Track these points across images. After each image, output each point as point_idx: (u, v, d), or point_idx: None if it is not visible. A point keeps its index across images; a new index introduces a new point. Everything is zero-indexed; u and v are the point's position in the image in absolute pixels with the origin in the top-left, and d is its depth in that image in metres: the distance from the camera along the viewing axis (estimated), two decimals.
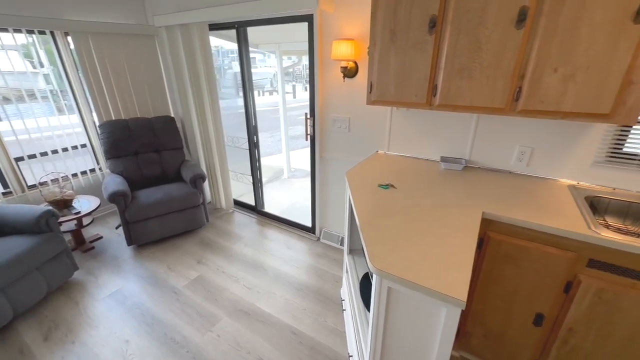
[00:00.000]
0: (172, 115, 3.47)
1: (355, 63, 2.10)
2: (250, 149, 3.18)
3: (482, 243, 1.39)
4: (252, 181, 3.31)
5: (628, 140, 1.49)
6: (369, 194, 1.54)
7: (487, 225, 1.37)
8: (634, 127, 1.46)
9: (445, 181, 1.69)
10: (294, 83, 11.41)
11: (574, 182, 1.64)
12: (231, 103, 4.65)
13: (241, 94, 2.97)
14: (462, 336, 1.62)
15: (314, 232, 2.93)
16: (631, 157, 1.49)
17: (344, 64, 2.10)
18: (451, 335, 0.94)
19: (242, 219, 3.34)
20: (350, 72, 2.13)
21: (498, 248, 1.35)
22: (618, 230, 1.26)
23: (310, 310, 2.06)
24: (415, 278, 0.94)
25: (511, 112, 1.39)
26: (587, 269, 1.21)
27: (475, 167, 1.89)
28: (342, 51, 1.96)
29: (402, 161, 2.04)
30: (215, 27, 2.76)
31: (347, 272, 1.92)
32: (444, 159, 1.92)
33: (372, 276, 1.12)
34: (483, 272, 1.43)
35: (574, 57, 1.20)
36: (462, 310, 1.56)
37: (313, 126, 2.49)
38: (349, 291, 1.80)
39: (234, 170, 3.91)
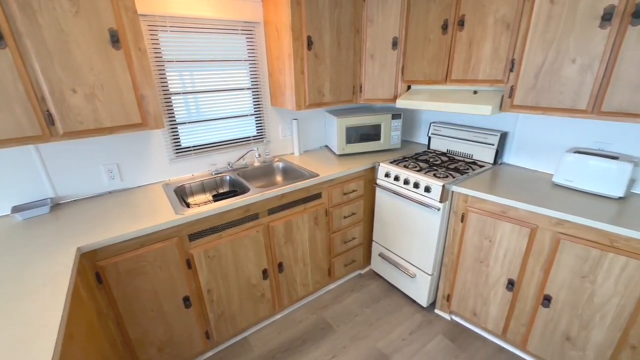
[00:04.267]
0: None
1: None
2: None
3: (99, 277, 1.28)
4: None
5: (181, 138, 1.94)
6: None
7: (94, 258, 1.26)
8: (179, 126, 1.91)
9: (27, 235, 1.32)
10: None
11: (166, 180, 1.92)
12: None
13: None
14: None
15: None
16: (188, 149, 1.98)
17: None
18: None
19: None
20: None
21: (117, 269, 1.31)
22: (196, 206, 1.64)
23: None
24: None
25: (54, 137, 1.28)
26: (191, 243, 1.51)
27: (69, 202, 1.65)
28: None
29: None
30: None
31: None
32: (17, 209, 1.49)
33: None
34: (121, 305, 1.35)
35: (84, 78, 1.27)
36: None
37: None
38: None
39: None
